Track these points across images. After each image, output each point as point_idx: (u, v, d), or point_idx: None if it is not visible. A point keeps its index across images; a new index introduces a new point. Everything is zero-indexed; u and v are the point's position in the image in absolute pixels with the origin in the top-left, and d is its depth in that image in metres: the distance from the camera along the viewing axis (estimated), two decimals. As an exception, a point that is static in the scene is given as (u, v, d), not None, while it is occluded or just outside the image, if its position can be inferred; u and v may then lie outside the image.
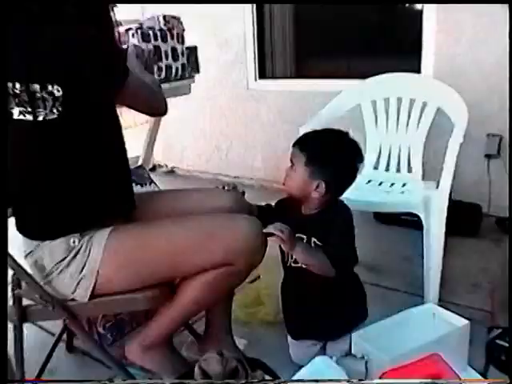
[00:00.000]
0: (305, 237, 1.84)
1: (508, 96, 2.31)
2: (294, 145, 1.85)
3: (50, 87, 1.46)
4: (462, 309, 2.29)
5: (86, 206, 1.61)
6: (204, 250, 1.61)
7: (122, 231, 1.64)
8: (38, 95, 1.46)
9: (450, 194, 2.29)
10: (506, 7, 2.53)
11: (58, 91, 1.46)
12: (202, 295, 1.68)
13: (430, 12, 3.41)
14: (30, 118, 1.48)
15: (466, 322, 1.84)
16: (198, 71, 2.68)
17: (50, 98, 1.46)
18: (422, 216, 2.31)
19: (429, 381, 1.47)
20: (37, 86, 1.46)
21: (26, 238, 1.62)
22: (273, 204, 2.01)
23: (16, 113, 1.49)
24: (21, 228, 1.64)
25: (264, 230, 1.66)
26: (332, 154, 1.80)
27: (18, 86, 1.47)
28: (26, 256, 1.64)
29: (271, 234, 1.67)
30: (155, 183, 2.48)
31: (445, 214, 2.27)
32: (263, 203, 2.02)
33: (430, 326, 1.90)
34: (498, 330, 2.00)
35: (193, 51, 2.61)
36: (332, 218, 1.82)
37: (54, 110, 1.48)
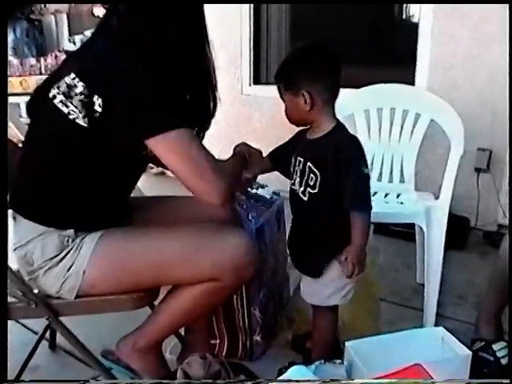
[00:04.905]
0: (302, 159, 1.82)
1: (508, 99, 2.32)
2: (276, 85, 1.90)
3: (95, 97, 1.46)
4: (446, 320, 2.30)
5: (86, 206, 1.62)
6: (189, 266, 1.60)
7: (111, 235, 1.63)
8: (82, 98, 1.47)
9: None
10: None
11: (99, 106, 1.46)
12: (189, 308, 1.67)
13: (425, 24, 3.43)
14: (65, 111, 1.50)
15: (469, 352, 1.72)
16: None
17: (89, 107, 1.46)
18: (423, 227, 2.32)
19: (424, 381, 1.46)
20: (87, 90, 1.46)
21: (32, 221, 1.59)
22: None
23: (58, 99, 1.50)
24: (27, 211, 1.61)
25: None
26: (301, 65, 1.83)
27: (75, 80, 1.48)
28: (15, 249, 1.62)
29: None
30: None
31: (445, 226, 2.29)
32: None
33: (433, 349, 1.77)
34: (482, 342, 2.01)
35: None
36: (331, 142, 1.79)
37: (87, 120, 1.48)
